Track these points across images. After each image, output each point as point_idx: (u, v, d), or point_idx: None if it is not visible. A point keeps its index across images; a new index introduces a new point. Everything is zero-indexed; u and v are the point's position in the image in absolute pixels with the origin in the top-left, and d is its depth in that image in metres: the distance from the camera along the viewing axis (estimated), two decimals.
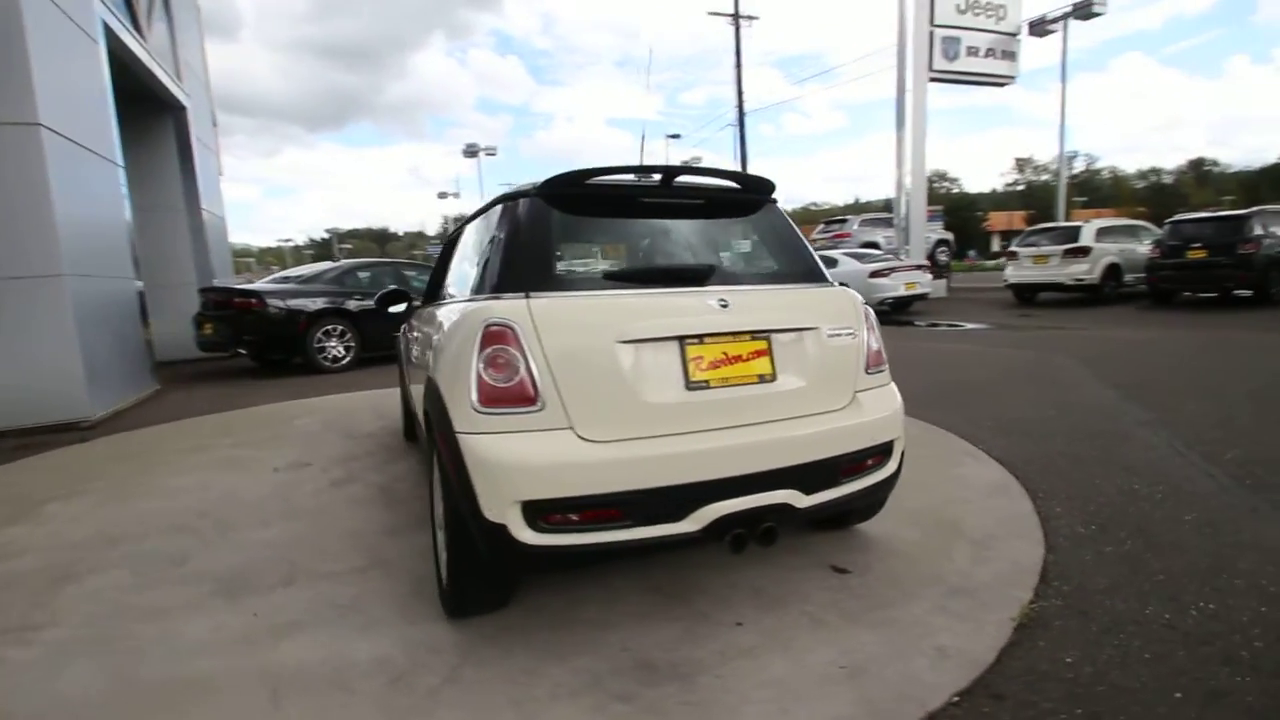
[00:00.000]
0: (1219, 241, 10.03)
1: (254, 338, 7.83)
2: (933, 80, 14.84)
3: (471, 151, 32.28)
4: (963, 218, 44.52)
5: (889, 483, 2.22)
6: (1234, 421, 3.88)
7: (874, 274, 11.96)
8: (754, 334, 2.00)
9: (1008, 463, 3.35)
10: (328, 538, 2.76)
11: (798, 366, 2.05)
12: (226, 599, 2.26)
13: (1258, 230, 9.83)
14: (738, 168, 25.86)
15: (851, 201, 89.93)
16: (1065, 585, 2.13)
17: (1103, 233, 11.98)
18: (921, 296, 12.44)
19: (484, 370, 1.79)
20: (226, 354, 9.02)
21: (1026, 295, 13.00)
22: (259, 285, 8.43)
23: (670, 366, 1.89)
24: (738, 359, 1.97)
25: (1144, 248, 11.70)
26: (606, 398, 1.81)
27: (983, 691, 1.64)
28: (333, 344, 8.02)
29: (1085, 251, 11.64)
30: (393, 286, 3.69)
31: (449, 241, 3.26)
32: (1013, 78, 15.63)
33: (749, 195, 2.36)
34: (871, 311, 2.33)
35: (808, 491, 1.96)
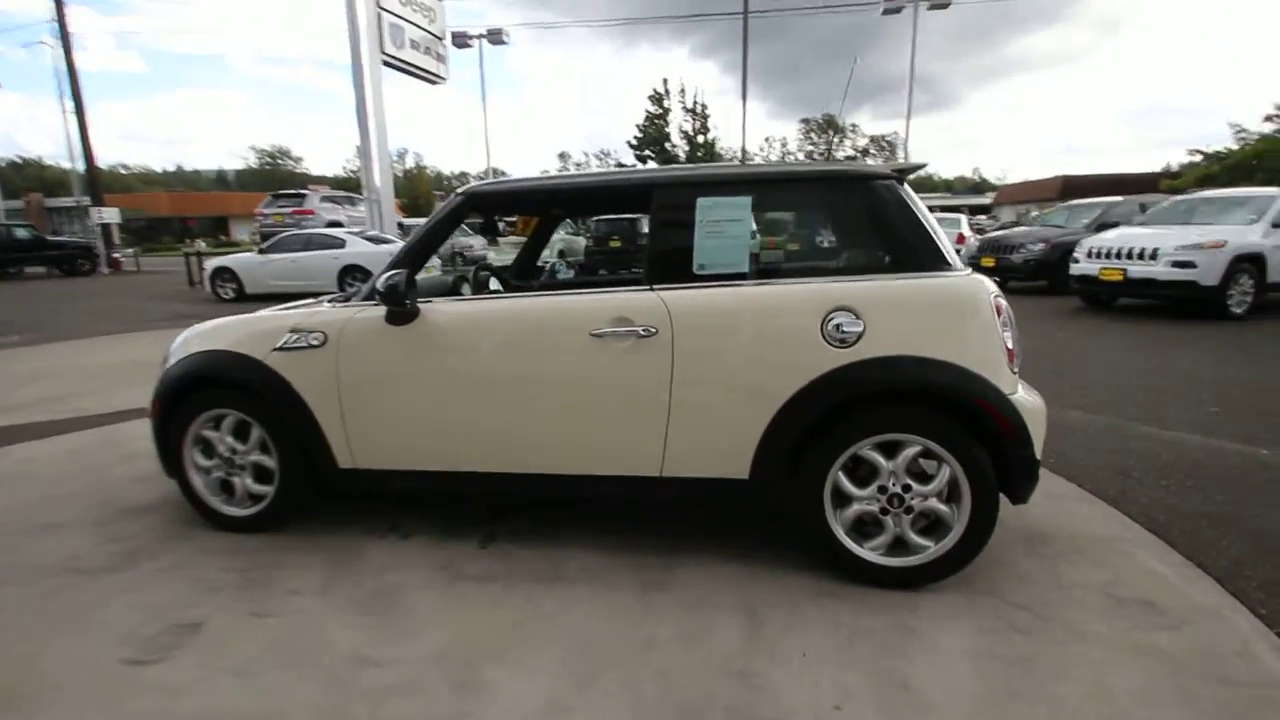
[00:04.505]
0: (626, 235, 14.50)
1: None
2: (385, 64, 14.96)
3: None
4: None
5: None
6: None
7: None
8: None
9: None
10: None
11: None
12: None
13: (645, 230, 14.71)
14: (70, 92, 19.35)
15: (174, 169, 76.24)
16: None
17: None
18: None
19: (1007, 338, 2.05)
20: None
21: None
22: None
23: None
24: None
25: (582, 239, 15.52)
26: None
27: None
28: None
29: None
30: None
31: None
32: (444, 78, 17.26)
33: None
34: None
35: None
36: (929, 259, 2.12)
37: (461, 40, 19.01)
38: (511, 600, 2.12)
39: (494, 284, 3.21)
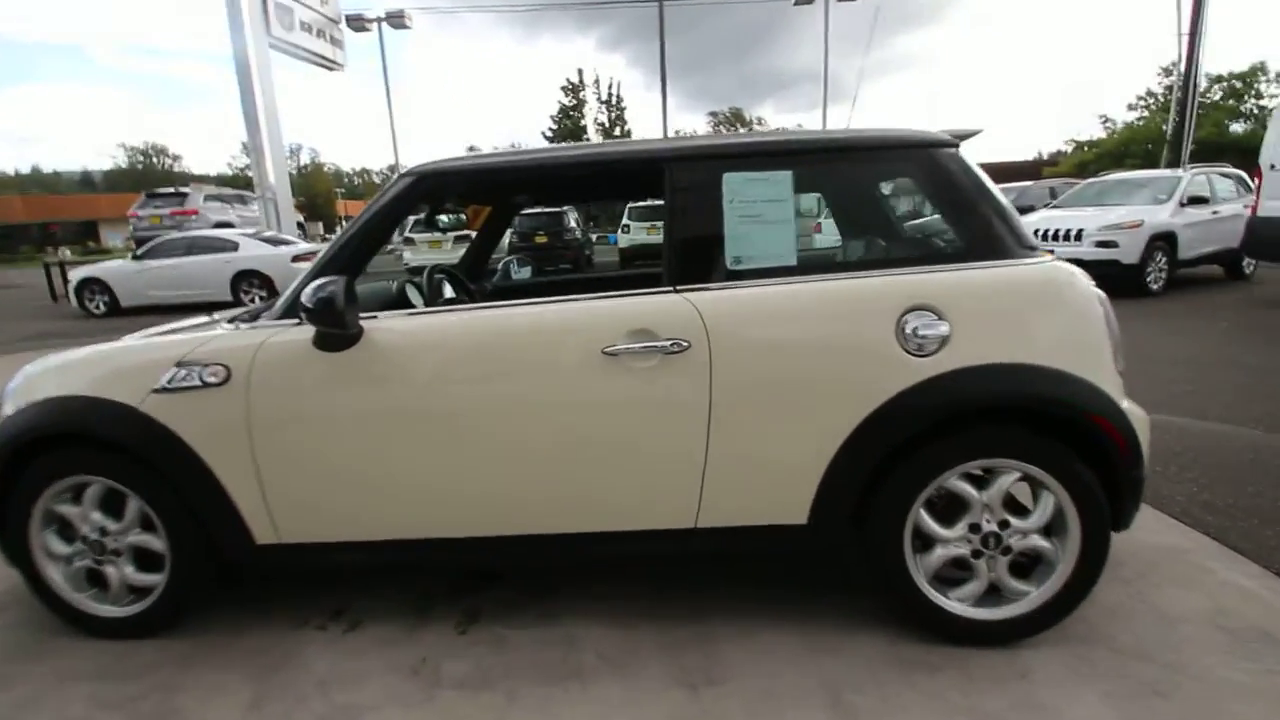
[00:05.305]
0: (552, 229, 13.83)
1: None
2: (273, 48, 13.54)
3: None
4: None
5: None
6: None
7: (296, 258, 10.67)
8: None
9: None
10: None
11: None
12: None
13: (570, 223, 14.08)
14: None
15: (30, 170, 67.98)
16: None
17: None
18: None
19: (1115, 335, 1.71)
20: None
21: None
22: None
23: None
24: None
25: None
26: None
27: None
28: None
29: None
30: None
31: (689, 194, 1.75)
32: (341, 65, 15.89)
33: None
34: None
35: None
36: (1010, 242, 1.75)
37: (359, 24, 17.56)
38: (519, 716, 1.58)
39: (448, 290, 2.60)
